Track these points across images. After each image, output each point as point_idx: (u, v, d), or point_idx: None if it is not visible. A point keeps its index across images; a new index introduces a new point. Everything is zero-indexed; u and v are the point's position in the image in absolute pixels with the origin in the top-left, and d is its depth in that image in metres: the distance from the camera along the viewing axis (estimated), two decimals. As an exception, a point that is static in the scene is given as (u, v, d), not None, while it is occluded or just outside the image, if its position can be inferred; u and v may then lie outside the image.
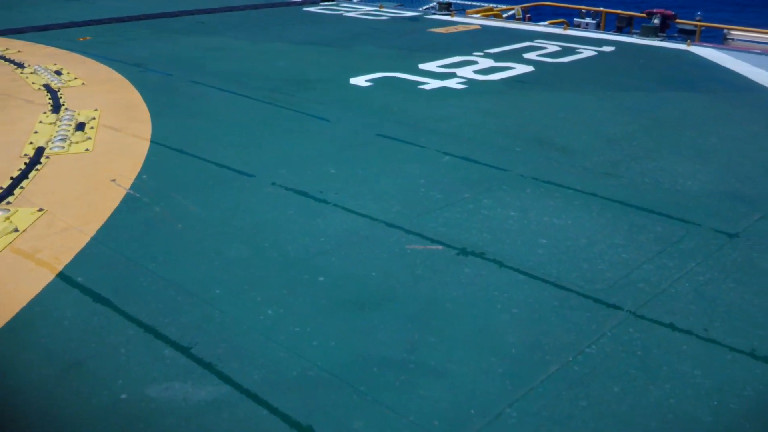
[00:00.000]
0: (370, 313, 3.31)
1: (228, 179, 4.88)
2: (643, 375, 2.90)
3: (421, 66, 8.28)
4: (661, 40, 10.06)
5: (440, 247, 3.94)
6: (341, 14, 12.44)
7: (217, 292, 3.48)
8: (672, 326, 3.23)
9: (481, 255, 3.86)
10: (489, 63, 8.47)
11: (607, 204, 4.55)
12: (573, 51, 9.27)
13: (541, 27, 11.54)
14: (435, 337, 3.13)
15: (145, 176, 4.89)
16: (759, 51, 10.20)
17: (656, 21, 10.54)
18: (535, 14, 13.69)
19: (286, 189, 4.70)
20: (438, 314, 3.32)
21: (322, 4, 13.53)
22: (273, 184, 4.79)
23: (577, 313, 3.33)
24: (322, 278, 3.60)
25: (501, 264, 3.77)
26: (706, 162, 5.30)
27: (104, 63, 8.32)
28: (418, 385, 2.81)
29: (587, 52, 9.28)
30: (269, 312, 3.30)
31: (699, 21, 11.64)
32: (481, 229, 4.16)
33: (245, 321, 3.23)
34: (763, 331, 3.22)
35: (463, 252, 3.89)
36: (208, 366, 2.92)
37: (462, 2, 14.08)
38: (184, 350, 3.01)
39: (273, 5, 13.36)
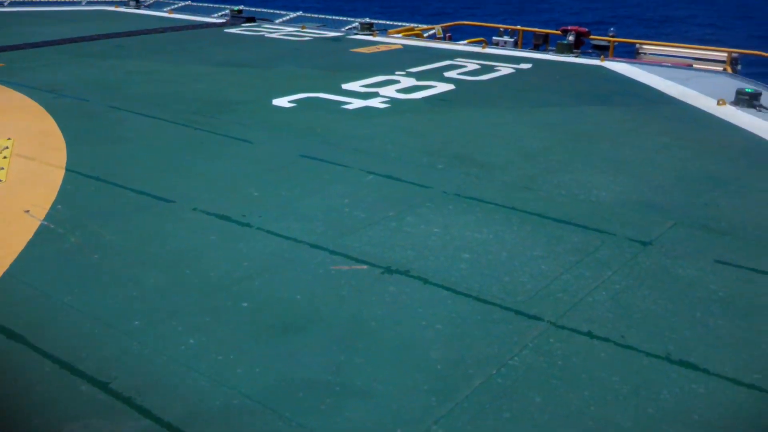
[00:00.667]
0: (295, 337, 3.28)
1: (147, 206, 4.78)
2: (563, 384, 2.96)
3: (344, 86, 8.33)
4: (576, 57, 10.41)
5: (365, 266, 3.95)
6: (263, 35, 12.41)
7: (136, 323, 3.39)
8: (590, 334, 3.32)
9: (405, 273, 3.89)
10: (411, 82, 8.58)
11: (526, 217, 4.65)
12: (492, 69, 9.49)
13: (461, 46, 11.79)
14: (360, 358, 3.13)
15: (60, 206, 4.73)
16: (669, 64, 10.67)
17: (571, 38, 10.90)
18: (455, 33, 13.97)
19: (208, 214, 4.63)
20: (363, 334, 3.32)
21: (243, 25, 13.46)
22: (194, 209, 4.71)
23: (500, 326, 3.39)
24: (245, 304, 3.55)
25: (425, 281, 3.80)
26: (619, 173, 5.49)
27: (18, 90, 8.05)
28: (344, 407, 2.80)
29: (505, 69, 9.51)
30: (191, 341, 3.23)
31: (612, 37, 12.09)
32: (405, 247, 4.19)
33: (166, 352, 3.15)
34: (677, 335, 3.34)
35: (388, 270, 3.91)
36: (127, 401, 2.83)
37: (383, 22, 14.24)
38: (103, 385, 2.92)
39: (194, 27, 13.21)
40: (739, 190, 5.20)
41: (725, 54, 11.21)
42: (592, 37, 11.80)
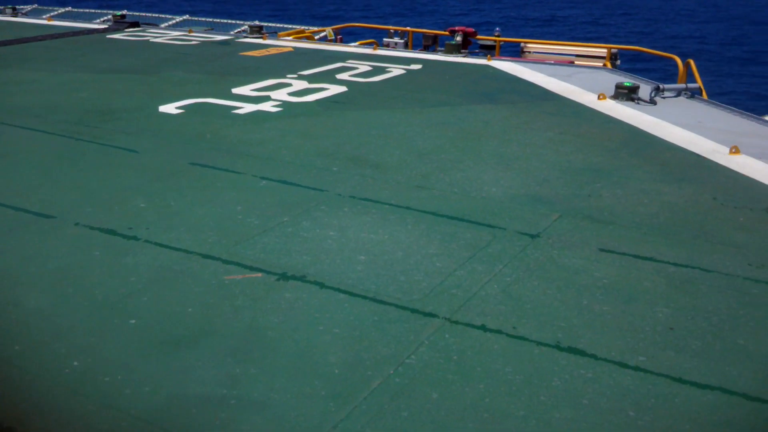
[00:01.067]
0: (187, 352, 3.18)
1: (25, 223, 4.52)
2: (459, 378, 3.01)
3: (235, 90, 8.18)
4: (464, 56, 10.64)
5: (260, 274, 3.88)
6: (148, 40, 12.01)
7: (17, 348, 3.19)
8: (484, 328, 3.39)
9: (301, 278, 3.85)
10: (303, 85, 8.53)
11: (420, 216, 4.70)
12: (383, 70, 9.56)
13: (352, 48, 11.82)
14: (256, 368, 3.07)
15: (-74, 228, 4.41)
16: (553, 62, 11.08)
17: (458, 38, 11.14)
18: (346, 35, 14.01)
19: (91, 228, 4.43)
20: (259, 344, 3.25)
21: (127, 30, 12.99)
22: (76, 224, 4.49)
23: (396, 326, 3.41)
24: (133, 321, 3.42)
25: (321, 285, 3.78)
26: (508, 169, 5.64)
27: None
28: (240, 421, 2.74)
29: (397, 70, 9.60)
30: (75, 364, 3.07)
31: (498, 36, 12.45)
32: (301, 252, 4.15)
33: (48, 377, 2.98)
34: (566, 323, 3.46)
35: (284, 277, 3.86)
36: (8, 431, 2.66)
37: (273, 25, 14.10)
38: (-22, 417, 2.73)
39: (74, 33, 12.64)
40: (620, 180, 5.45)
41: (605, 50, 11.75)
42: (479, 37, 12.10)
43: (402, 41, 13.06)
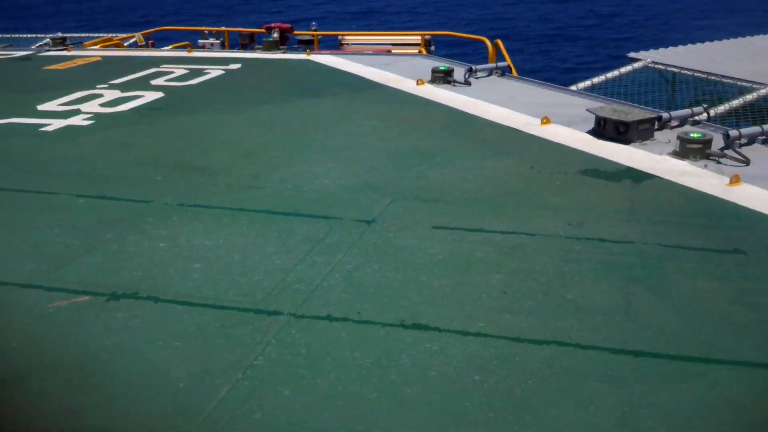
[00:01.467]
0: (15, 391, 2.92)
1: None
2: (309, 372, 2.98)
3: (40, 107, 7.61)
4: (283, 53, 10.58)
5: (86, 297, 3.64)
6: (-66, 62, 10.89)
7: None
8: (330, 318, 3.39)
9: (133, 295, 3.64)
10: (116, 94, 8.09)
11: (255, 216, 4.62)
12: (201, 72, 9.29)
13: (165, 52, 11.38)
14: (95, 397, 2.87)
15: None
16: (371, 52, 11.28)
17: (275, 35, 11.05)
18: (158, 40, 13.45)
19: None
20: (95, 370, 3.05)
21: None
22: None
23: (241, 329, 3.32)
24: (-55, 366, 3.08)
25: (156, 299, 3.60)
26: (337, 160, 5.68)
27: None
28: (81, 454, 2.55)
29: (215, 71, 9.37)
30: None
31: (315, 31, 12.48)
32: (130, 268, 3.93)
33: None
34: (408, 302, 3.53)
35: (113, 296, 3.63)
36: None
37: (79, 35, 13.28)
38: None
39: None
40: (444, 160, 5.65)
41: (419, 37, 12.13)
42: (296, 32, 12.08)
43: (218, 42, 12.76)
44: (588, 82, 9.36)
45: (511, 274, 3.79)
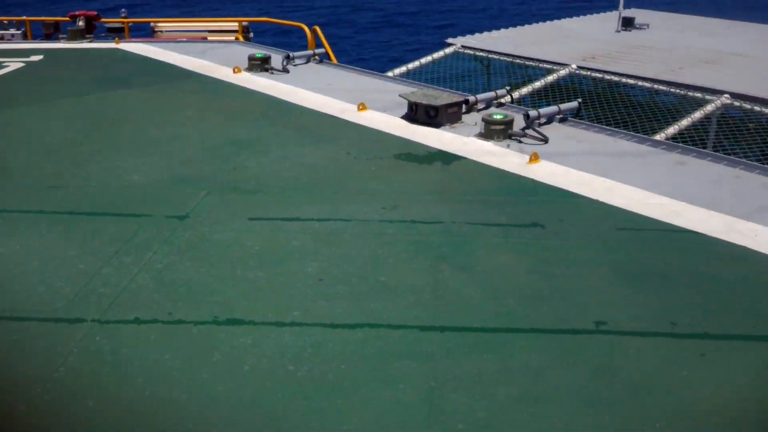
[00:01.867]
0: None
1: None
2: (116, 379, 2.85)
3: None
4: (89, 42, 9.97)
5: None
6: None
7: None
8: (138, 321, 3.25)
9: None
10: None
11: (56, 218, 4.33)
12: (-3, 65, 8.55)
13: (-46, 43, 10.34)
14: None
15: None
16: (185, 39, 10.89)
17: (81, 23, 10.37)
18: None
19: None
20: None
21: None
22: None
23: (39, 341, 3.11)
24: None
25: (-59, 316, 3.28)
26: (148, 154, 5.44)
27: None
28: None
29: (14, 64, 8.63)
30: None
31: (125, 18, 11.84)
32: None
33: None
34: (222, 297, 3.46)
35: None
36: None
37: None
38: None
39: None
40: (262, 149, 5.59)
41: (236, 24, 11.87)
42: (103, 20, 11.40)
43: (19, 32, 11.76)
44: (404, 68, 9.64)
45: (327, 261, 3.83)
